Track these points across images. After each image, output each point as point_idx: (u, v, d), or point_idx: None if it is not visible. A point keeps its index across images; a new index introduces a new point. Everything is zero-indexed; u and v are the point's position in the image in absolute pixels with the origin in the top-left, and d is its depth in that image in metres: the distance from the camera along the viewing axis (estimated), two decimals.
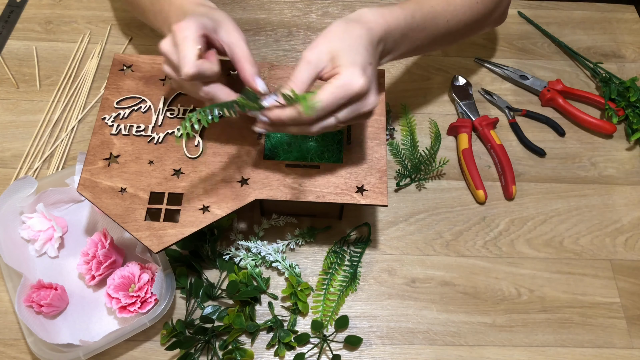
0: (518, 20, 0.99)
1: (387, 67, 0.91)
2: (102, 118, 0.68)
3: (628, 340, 0.69)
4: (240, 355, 0.65)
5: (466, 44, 0.95)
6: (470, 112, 0.85)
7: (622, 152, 0.85)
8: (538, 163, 0.83)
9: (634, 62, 0.94)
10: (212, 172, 0.65)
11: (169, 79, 0.66)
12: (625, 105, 0.85)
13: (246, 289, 0.67)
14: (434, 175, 0.81)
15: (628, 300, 0.72)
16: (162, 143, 0.67)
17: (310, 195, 0.63)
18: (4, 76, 0.87)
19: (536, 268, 0.74)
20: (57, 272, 0.70)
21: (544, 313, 0.71)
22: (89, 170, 0.64)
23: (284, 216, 0.74)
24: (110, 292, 0.65)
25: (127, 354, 0.66)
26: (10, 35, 0.92)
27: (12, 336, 0.67)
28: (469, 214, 0.78)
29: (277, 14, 0.97)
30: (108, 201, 0.62)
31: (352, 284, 0.71)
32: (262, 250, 0.71)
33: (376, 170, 0.65)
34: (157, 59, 0.73)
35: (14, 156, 0.80)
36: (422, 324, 0.70)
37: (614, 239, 0.77)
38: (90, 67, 0.88)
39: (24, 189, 0.70)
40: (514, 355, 0.68)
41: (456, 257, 0.74)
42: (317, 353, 0.67)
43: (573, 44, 0.95)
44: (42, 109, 0.84)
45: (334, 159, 0.68)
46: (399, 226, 0.76)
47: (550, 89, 0.88)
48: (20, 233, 0.70)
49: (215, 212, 0.62)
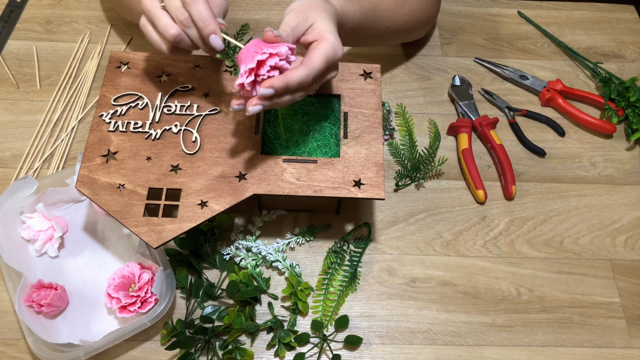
0: (518, 20, 0.99)
1: (387, 67, 0.91)
2: (100, 115, 0.68)
3: (628, 340, 0.69)
4: (240, 355, 0.65)
5: (466, 44, 0.95)
6: (470, 112, 0.85)
7: (622, 152, 0.85)
8: (538, 163, 0.83)
9: (634, 62, 0.94)
10: (209, 167, 0.65)
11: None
12: (625, 105, 0.85)
13: (246, 289, 0.67)
14: (434, 174, 0.81)
15: (628, 300, 0.72)
16: (160, 139, 0.67)
17: (308, 190, 0.64)
18: (4, 76, 0.87)
19: (536, 268, 0.74)
20: (57, 272, 0.70)
21: (544, 313, 0.71)
22: (87, 167, 0.64)
23: (281, 211, 0.75)
24: (110, 292, 0.65)
25: (127, 353, 0.66)
26: (11, 35, 0.92)
27: (12, 336, 0.67)
28: (469, 214, 0.78)
29: (277, 14, 0.97)
30: (106, 197, 0.62)
31: (352, 284, 0.71)
32: (263, 250, 0.71)
33: (373, 164, 0.66)
34: (153, 56, 0.73)
35: (14, 156, 0.80)
36: (422, 324, 0.70)
37: (614, 239, 0.77)
38: (90, 67, 0.88)
39: (24, 189, 0.70)
40: (514, 355, 0.68)
41: (456, 257, 0.74)
42: (317, 353, 0.67)
43: (573, 44, 0.96)
44: (42, 109, 0.84)
45: (331, 153, 0.68)
46: (398, 226, 0.76)
47: (550, 89, 0.88)
48: (21, 233, 0.70)
49: (214, 207, 0.62)
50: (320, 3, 0.62)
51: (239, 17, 0.96)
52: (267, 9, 0.97)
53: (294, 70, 0.56)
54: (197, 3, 0.57)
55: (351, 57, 0.91)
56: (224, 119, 0.69)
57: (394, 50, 0.93)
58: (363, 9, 0.72)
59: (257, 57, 0.55)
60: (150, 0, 0.60)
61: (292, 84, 0.56)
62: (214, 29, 0.58)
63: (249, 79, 0.55)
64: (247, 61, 0.55)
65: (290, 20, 0.60)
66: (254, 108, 0.57)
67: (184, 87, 0.71)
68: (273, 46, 0.56)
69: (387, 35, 0.82)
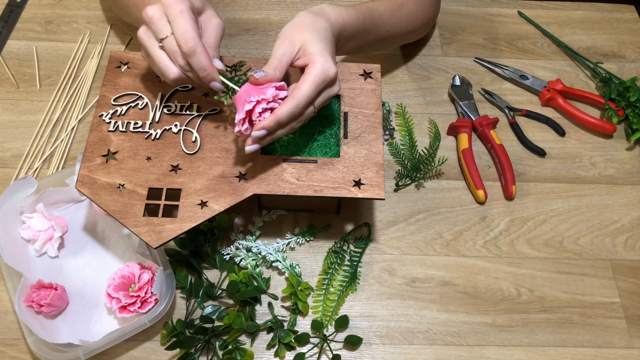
0: (518, 20, 0.99)
1: (387, 67, 0.91)
2: (100, 115, 0.68)
3: (628, 340, 0.69)
4: (240, 355, 0.65)
5: (466, 43, 0.95)
6: (470, 112, 0.85)
7: (622, 152, 0.85)
8: (538, 163, 0.83)
9: (634, 62, 0.94)
10: (209, 167, 0.65)
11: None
12: (625, 105, 0.85)
13: (246, 289, 0.67)
14: (434, 174, 0.81)
15: (628, 300, 0.72)
16: (160, 139, 0.67)
17: (308, 190, 0.64)
18: (4, 76, 0.87)
19: (536, 268, 0.74)
20: (57, 272, 0.70)
21: (544, 313, 0.71)
22: (87, 167, 0.64)
23: (281, 211, 0.75)
24: (110, 292, 0.65)
25: (127, 353, 0.66)
26: (10, 35, 0.92)
27: (12, 336, 0.67)
28: (469, 214, 0.78)
29: (277, 14, 0.97)
30: (106, 197, 0.62)
31: (352, 284, 0.71)
32: (263, 250, 0.71)
33: (373, 164, 0.66)
34: None
35: (14, 156, 0.80)
36: (422, 324, 0.70)
37: (614, 239, 0.77)
38: (90, 67, 0.88)
39: (24, 189, 0.70)
40: (514, 355, 0.68)
41: (456, 257, 0.74)
42: (317, 353, 0.67)
43: (573, 44, 0.95)
44: (42, 109, 0.84)
45: (331, 153, 0.68)
46: (398, 226, 0.76)
47: (550, 89, 0.88)
48: (20, 233, 0.70)
49: (214, 207, 0.62)
50: (309, 22, 0.62)
51: (239, 17, 0.96)
52: (267, 9, 0.97)
53: (283, 105, 0.58)
54: (196, 54, 0.59)
55: (351, 57, 0.91)
56: (224, 119, 0.69)
57: (394, 50, 0.93)
58: (360, 13, 0.71)
59: (245, 108, 0.58)
60: (148, 38, 0.61)
61: (283, 119, 0.59)
62: (213, 77, 0.61)
63: (244, 126, 0.59)
64: (239, 110, 0.59)
65: (276, 49, 0.61)
66: (251, 147, 0.60)
67: (184, 87, 0.71)
68: (261, 90, 0.59)
69: (387, 39, 0.81)
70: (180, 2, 0.59)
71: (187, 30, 0.58)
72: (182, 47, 0.59)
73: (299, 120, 0.61)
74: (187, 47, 0.58)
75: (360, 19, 0.71)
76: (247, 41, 0.93)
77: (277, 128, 0.59)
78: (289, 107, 0.58)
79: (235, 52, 0.91)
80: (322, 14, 0.64)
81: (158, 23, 0.60)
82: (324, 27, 0.63)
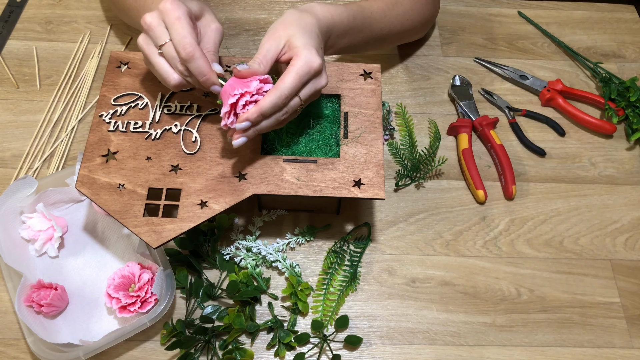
0: (518, 20, 0.99)
1: (387, 67, 0.91)
2: (100, 115, 0.68)
3: (628, 340, 0.69)
4: (240, 355, 0.65)
5: (466, 43, 0.95)
6: (470, 112, 0.85)
7: (622, 152, 0.85)
8: (538, 163, 0.83)
9: (634, 62, 0.94)
10: (209, 167, 0.65)
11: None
12: (625, 105, 0.85)
13: (246, 289, 0.67)
14: (434, 174, 0.81)
15: (628, 300, 0.72)
16: (160, 139, 0.67)
17: (308, 190, 0.64)
18: (4, 76, 0.87)
19: (536, 268, 0.74)
20: (57, 272, 0.70)
21: (544, 313, 0.71)
22: (87, 167, 0.64)
23: (281, 211, 0.75)
24: (110, 292, 0.65)
25: (127, 354, 0.66)
26: (10, 35, 0.92)
27: (12, 336, 0.67)
28: (469, 214, 0.78)
29: (277, 14, 0.97)
30: (106, 197, 0.62)
31: (352, 284, 0.71)
32: (263, 250, 0.71)
33: (373, 164, 0.66)
34: None
35: (14, 156, 0.80)
36: (422, 324, 0.70)
37: (614, 239, 0.77)
38: (90, 67, 0.88)
39: (24, 189, 0.70)
40: (514, 355, 0.68)
41: (456, 257, 0.74)
42: (317, 353, 0.67)
43: (573, 44, 0.95)
44: (42, 109, 0.84)
45: (331, 153, 0.68)
46: (398, 226, 0.76)
47: (550, 89, 0.88)
48: (20, 233, 0.70)
49: (214, 207, 0.62)
50: (295, 18, 0.63)
51: (239, 17, 0.96)
52: (267, 9, 0.97)
53: (266, 97, 0.59)
54: (194, 60, 0.59)
55: (351, 57, 0.91)
56: None
57: (394, 50, 0.93)
58: (351, 11, 0.71)
59: (229, 101, 0.58)
60: (147, 45, 0.62)
61: (266, 111, 0.59)
62: (213, 82, 0.61)
63: (229, 119, 0.60)
64: (224, 104, 0.59)
65: (262, 45, 0.62)
66: (237, 141, 0.60)
67: None
68: (245, 83, 0.59)
69: (383, 38, 0.81)
70: (178, 8, 0.60)
71: (184, 36, 0.59)
72: (180, 53, 0.59)
73: (285, 112, 0.61)
74: (185, 53, 0.59)
75: (351, 16, 0.71)
76: (247, 41, 0.93)
77: (261, 119, 0.60)
78: (271, 98, 0.59)
79: (235, 52, 0.91)
80: (309, 11, 0.65)
81: (156, 30, 0.60)
82: (310, 22, 0.63)
